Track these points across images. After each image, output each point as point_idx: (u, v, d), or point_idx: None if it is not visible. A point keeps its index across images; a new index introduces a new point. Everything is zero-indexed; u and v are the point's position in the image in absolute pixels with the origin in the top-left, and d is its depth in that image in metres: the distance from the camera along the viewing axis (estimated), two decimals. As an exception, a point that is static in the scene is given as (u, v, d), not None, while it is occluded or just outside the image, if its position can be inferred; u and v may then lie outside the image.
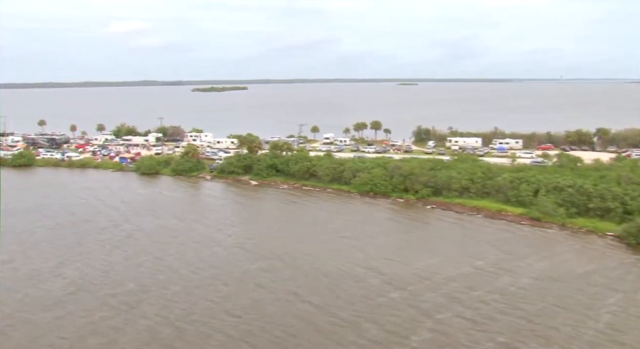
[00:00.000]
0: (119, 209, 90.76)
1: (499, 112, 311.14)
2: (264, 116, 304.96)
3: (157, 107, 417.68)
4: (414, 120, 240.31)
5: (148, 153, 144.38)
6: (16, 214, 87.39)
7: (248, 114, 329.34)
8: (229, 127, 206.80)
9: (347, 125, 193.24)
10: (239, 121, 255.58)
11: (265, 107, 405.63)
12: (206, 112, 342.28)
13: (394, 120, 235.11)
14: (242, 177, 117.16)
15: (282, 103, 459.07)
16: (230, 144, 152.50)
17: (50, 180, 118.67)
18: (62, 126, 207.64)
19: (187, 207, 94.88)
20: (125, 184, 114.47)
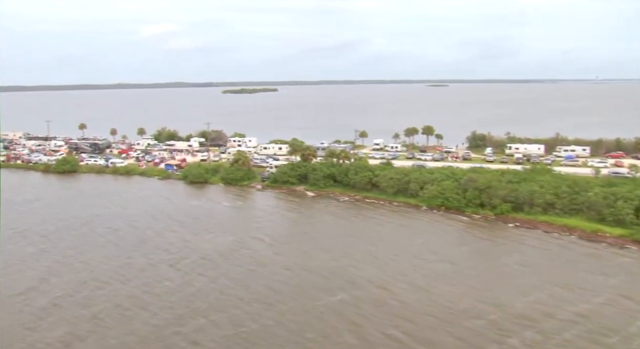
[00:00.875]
0: (179, 224, 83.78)
1: (546, 115, 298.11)
2: (300, 119, 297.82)
3: (191, 109, 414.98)
4: (459, 124, 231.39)
5: (193, 159, 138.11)
6: (76, 226, 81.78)
7: (284, 116, 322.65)
8: (269, 131, 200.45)
9: (390, 129, 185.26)
10: (278, 125, 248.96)
11: (300, 109, 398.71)
12: (240, 115, 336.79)
13: (439, 124, 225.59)
14: (297, 187, 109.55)
15: (316, 105, 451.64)
16: (278, 150, 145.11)
17: (97, 188, 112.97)
18: (102, 130, 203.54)
19: (248, 221, 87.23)
20: (175, 193, 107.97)
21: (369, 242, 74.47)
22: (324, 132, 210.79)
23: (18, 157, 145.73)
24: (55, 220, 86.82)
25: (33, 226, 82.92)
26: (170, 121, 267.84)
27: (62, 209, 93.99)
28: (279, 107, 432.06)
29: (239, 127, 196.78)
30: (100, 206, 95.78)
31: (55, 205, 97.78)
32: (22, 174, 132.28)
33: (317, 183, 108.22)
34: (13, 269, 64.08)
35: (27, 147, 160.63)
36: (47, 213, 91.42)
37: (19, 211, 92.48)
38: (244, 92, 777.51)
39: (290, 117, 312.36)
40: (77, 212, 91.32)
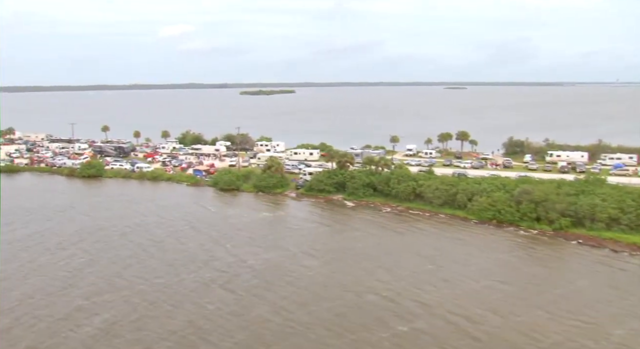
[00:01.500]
0: (221, 236, 78.48)
1: (580, 119, 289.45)
2: (323, 122, 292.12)
3: (211, 111, 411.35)
4: (489, 129, 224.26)
5: (221, 165, 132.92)
6: (115, 238, 76.97)
7: (305, 119, 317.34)
8: (294, 135, 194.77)
9: (419, 133, 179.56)
10: (301, 128, 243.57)
11: (321, 112, 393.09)
12: (262, 118, 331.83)
13: (468, 129, 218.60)
14: (334, 196, 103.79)
15: (337, 108, 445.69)
16: (309, 155, 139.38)
17: (127, 194, 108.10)
18: (123, 132, 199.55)
19: (292, 234, 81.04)
20: (209, 201, 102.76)
21: (427, 260, 68.48)
22: (350, 136, 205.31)
23: (42, 160, 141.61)
24: (93, 229, 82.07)
25: (70, 237, 78.09)
26: (192, 123, 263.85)
27: (97, 218, 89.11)
28: (299, 109, 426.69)
29: (262, 131, 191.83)
30: (137, 215, 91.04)
31: (90, 213, 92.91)
32: (47, 178, 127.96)
33: (355, 192, 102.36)
34: (55, 288, 59.05)
35: (51, 150, 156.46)
36: (83, 222, 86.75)
37: (53, 220, 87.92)
38: (262, 93, 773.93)
39: (312, 120, 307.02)
40: (114, 221, 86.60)
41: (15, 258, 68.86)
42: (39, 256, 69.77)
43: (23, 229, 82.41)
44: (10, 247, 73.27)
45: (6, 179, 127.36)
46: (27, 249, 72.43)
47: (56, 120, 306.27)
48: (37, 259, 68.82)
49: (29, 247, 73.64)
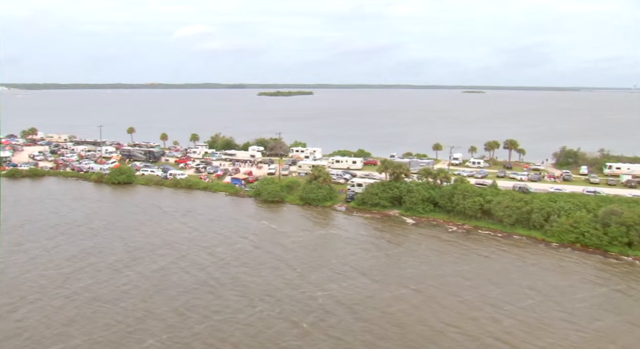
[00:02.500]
0: (283, 262, 69.34)
1: (617, 127, 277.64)
2: (350, 126, 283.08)
3: (231, 112, 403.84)
4: (528, 136, 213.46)
5: (259, 173, 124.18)
6: (155, 258, 68.07)
7: (332, 123, 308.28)
8: (326, 140, 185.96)
9: (454, 140, 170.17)
10: (332, 132, 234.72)
11: (344, 114, 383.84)
12: (287, 120, 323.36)
13: (505, 136, 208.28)
14: (390, 211, 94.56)
15: (360, 110, 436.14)
16: (352, 164, 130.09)
17: (161, 204, 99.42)
18: (148, 133, 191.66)
19: (360, 257, 71.59)
20: (255, 215, 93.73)
21: (525, 294, 59.20)
22: (383, 142, 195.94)
23: (67, 164, 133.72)
24: (129, 247, 73.75)
25: (105, 256, 69.65)
26: (216, 124, 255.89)
27: (147, 233, 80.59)
28: (322, 112, 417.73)
29: (290, 135, 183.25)
30: (187, 229, 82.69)
31: (124, 226, 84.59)
32: (74, 184, 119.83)
33: (414, 207, 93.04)
34: (120, 333, 50.28)
35: (76, 153, 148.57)
36: (133, 238, 78.45)
37: (100, 235, 79.48)
38: (280, 94, 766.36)
39: (338, 123, 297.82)
40: (165, 237, 78.39)
41: (80, 281, 60.64)
42: (91, 283, 61.30)
43: (68, 245, 74.15)
44: (68, 265, 65.40)
45: (31, 184, 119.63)
46: (82, 271, 64.24)
47: (77, 119, 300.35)
48: (92, 288, 60.20)
49: (84, 269, 65.21)
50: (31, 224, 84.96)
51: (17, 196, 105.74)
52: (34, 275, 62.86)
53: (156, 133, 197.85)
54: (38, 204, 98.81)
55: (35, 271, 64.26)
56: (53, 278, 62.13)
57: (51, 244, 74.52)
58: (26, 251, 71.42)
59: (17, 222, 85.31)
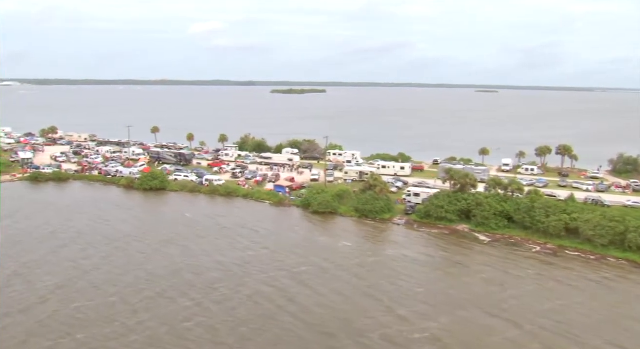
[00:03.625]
0: (364, 287, 59.91)
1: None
2: (375, 126, 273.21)
3: (249, 110, 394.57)
4: (569, 139, 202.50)
5: (301, 179, 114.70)
6: (214, 283, 58.68)
7: (354, 122, 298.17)
8: (356, 141, 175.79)
9: (490, 143, 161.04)
10: (360, 134, 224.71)
11: (366, 114, 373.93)
12: (309, 119, 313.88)
13: (541, 139, 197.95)
14: (458, 226, 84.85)
15: (380, 110, 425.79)
16: (400, 170, 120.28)
17: (203, 214, 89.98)
18: (170, 133, 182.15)
19: (451, 285, 62.36)
20: (311, 229, 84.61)
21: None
22: (416, 144, 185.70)
23: (94, 167, 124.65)
24: (203, 267, 64.48)
25: (155, 282, 60.24)
26: (238, 123, 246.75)
27: (196, 252, 71.08)
28: (342, 111, 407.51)
29: (316, 135, 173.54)
30: (239, 246, 73.38)
31: (186, 242, 75.34)
32: (102, 190, 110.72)
33: (486, 223, 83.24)
34: None
35: (101, 155, 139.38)
36: (185, 255, 69.31)
37: (146, 252, 70.42)
38: (293, 92, 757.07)
39: (362, 123, 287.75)
40: (216, 257, 69.08)
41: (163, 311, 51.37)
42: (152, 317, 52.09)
43: (138, 263, 65.08)
44: (134, 293, 56.34)
45: (57, 189, 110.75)
46: (149, 301, 55.14)
47: (93, 117, 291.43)
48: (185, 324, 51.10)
49: (152, 300, 56.05)
50: (82, 236, 76.58)
51: (51, 203, 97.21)
52: (104, 300, 53.76)
53: (179, 133, 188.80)
54: (79, 212, 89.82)
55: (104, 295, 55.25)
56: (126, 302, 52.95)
57: (108, 265, 65.34)
58: (89, 270, 62.61)
59: (69, 234, 76.97)
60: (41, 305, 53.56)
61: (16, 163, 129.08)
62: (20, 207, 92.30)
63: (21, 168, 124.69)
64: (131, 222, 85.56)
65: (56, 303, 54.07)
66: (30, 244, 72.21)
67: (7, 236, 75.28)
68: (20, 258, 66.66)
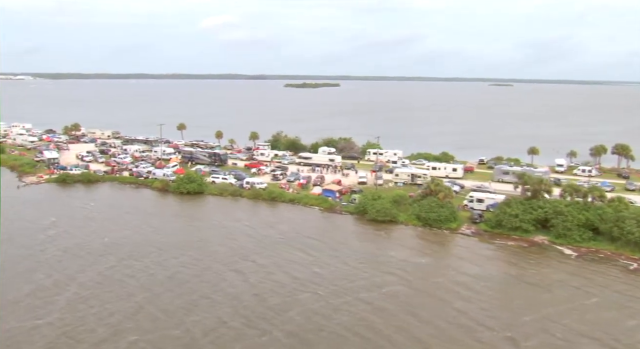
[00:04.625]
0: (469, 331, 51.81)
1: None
2: (399, 121, 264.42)
3: (267, 105, 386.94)
4: (597, 136, 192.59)
5: (347, 181, 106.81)
6: (290, 315, 50.83)
7: (377, 119, 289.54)
8: (389, 139, 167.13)
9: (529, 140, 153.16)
10: (387, 132, 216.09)
11: (386, 109, 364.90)
12: (333, 116, 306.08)
13: (585, 137, 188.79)
14: (535, 237, 76.58)
15: (399, 104, 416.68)
16: (452, 171, 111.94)
17: (263, 224, 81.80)
18: (195, 130, 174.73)
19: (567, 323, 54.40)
20: (376, 240, 76.49)
21: None
22: (452, 142, 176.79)
23: (124, 168, 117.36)
24: (262, 291, 56.41)
25: (239, 311, 52.48)
26: (260, 119, 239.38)
27: (256, 268, 63.25)
28: (361, 106, 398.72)
29: (342, 132, 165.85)
30: (326, 266, 64.69)
31: (235, 254, 67.94)
32: (135, 193, 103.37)
33: (568, 234, 74.84)
34: None
35: (129, 154, 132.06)
36: (241, 275, 61.43)
37: (197, 272, 62.26)
38: (307, 86, 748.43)
39: (386, 120, 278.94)
40: (282, 275, 61.12)
41: None
42: None
43: (204, 294, 57.31)
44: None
45: (87, 192, 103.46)
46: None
47: (111, 111, 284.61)
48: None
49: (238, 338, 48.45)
50: (138, 247, 69.78)
51: (86, 208, 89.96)
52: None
53: (202, 129, 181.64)
54: (122, 220, 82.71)
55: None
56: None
57: (192, 285, 57.90)
58: (158, 293, 54.92)
59: (123, 247, 69.76)
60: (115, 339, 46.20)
61: (41, 163, 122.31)
62: (58, 213, 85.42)
63: (47, 169, 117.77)
64: (184, 232, 77.90)
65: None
66: (85, 259, 65.24)
67: (61, 250, 68.45)
68: (77, 276, 59.75)
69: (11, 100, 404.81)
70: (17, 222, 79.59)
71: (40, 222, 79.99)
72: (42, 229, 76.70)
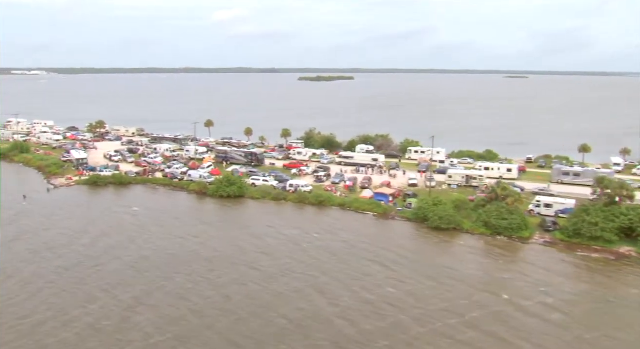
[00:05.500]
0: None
1: None
2: (426, 116, 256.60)
3: (288, 99, 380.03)
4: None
5: (400, 183, 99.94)
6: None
7: (404, 114, 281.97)
8: (421, 135, 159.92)
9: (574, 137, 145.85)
10: (416, 127, 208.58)
11: (409, 103, 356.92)
12: (354, 109, 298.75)
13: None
14: (620, 248, 69.41)
15: (422, 98, 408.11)
16: (507, 172, 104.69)
17: (326, 232, 75.04)
18: (218, 126, 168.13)
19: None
20: (448, 252, 69.73)
21: None
22: (484, 139, 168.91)
23: (156, 169, 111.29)
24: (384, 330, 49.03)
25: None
26: (281, 113, 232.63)
27: (340, 288, 56.46)
28: (381, 99, 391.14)
29: (372, 127, 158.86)
30: (394, 280, 57.76)
31: (311, 267, 61.66)
32: (170, 196, 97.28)
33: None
34: None
35: (159, 153, 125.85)
36: (327, 294, 54.88)
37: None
38: (321, 80, 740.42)
39: (412, 114, 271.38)
40: (370, 296, 54.20)
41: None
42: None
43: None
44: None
45: (119, 195, 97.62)
46: None
47: (129, 106, 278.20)
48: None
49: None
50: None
51: (122, 212, 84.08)
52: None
53: (227, 126, 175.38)
54: (168, 229, 76.45)
55: None
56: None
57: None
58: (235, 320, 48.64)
59: (168, 261, 63.00)
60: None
61: (69, 164, 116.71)
62: (103, 221, 79.84)
63: (75, 170, 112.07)
64: (244, 242, 71.41)
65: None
66: (153, 275, 59.26)
67: (125, 264, 62.56)
68: (123, 295, 53.71)
69: (27, 96, 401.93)
70: (60, 232, 74.08)
71: (88, 232, 74.28)
72: (93, 240, 70.95)
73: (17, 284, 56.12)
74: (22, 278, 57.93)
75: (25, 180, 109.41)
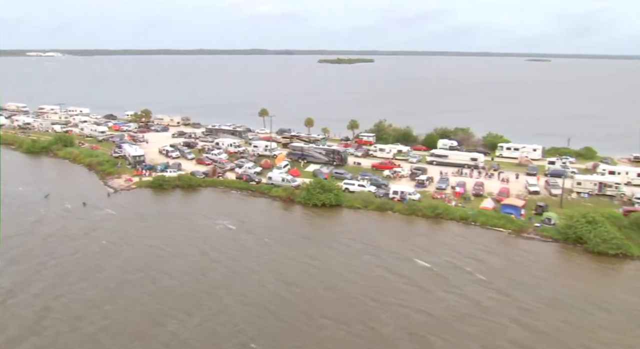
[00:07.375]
0: None
1: None
2: (477, 104, 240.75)
3: (318, 84, 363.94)
4: None
5: (516, 190, 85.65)
6: None
7: (445, 99, 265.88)
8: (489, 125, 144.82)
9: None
10: (482, 115, 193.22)
11: (446, 87, 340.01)
12: (392, 96, 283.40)
13: None
14: None
15: (456, 83, 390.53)
16: (637, 177, 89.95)
17: (456, 257, 60.57)
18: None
19: None
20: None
21: None
22: (559, 132, 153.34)
23: (227, 169, 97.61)
24: None
25: None
26: (320, 100, 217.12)
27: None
28: (413, 84, 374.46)
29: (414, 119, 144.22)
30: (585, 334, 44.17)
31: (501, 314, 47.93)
32: (252, 203, 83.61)
33: None
34: None
35: (222, 149, 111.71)
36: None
37: None
38: (341, 62, 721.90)
39: (459, 101, 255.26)
40: None
41: None
42: None
43: None
44: None
45: (191, 201, 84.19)
46: None
47: (153, 89, 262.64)
48: None
49: None
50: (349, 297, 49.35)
51: (222, 227, 70.20)
52: None
53: (306, 118, 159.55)
54: (275, 250, 62.90)
55: None
56: None
57: None
58: None
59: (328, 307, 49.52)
60: None
61: (121, 160, 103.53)
62: (192, 236, 66.84)
63: (133, 169, 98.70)
64: (382, 269, 57.95)
65: None
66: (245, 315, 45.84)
67: (238, 301, 49.12)
68: None
69: (48, 78, 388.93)
70: (149, 252, 60.96)
71: (183, 253, 61.32)
72: (196, 266, 57.84)
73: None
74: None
75: (78, 181, 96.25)
